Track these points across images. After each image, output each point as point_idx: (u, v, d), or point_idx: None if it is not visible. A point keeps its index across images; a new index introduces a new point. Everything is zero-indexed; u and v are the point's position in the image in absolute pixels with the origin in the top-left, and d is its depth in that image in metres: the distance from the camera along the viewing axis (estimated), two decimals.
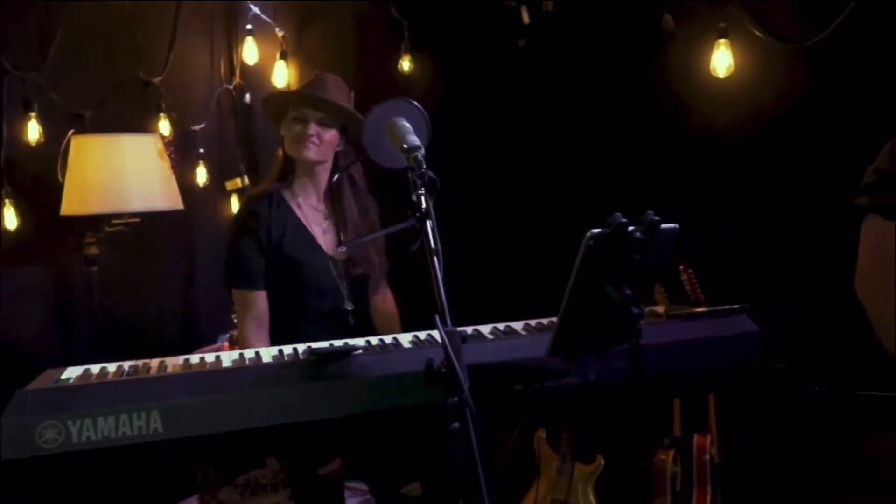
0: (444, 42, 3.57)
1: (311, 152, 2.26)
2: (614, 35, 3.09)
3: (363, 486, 2.31)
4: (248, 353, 1.74)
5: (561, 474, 2.97)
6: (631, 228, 1.42)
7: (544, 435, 3.05)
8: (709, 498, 2.76)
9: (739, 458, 2.83)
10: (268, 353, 1.74)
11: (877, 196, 1.77)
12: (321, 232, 2.33)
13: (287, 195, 2.32)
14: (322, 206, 2.37)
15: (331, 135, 2.29)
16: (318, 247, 2.29)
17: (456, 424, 1.43)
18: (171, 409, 1.44)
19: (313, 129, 2.25)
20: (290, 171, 2.33)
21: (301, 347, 1.75)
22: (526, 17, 3.28)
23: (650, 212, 1.44)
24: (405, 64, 3.64)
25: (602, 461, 2.93)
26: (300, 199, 2.33)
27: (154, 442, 1.45)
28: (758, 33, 2.76)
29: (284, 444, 1.65)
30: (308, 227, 2.30)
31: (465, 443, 1.43)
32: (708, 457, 2.76)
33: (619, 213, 1.42)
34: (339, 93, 2.33)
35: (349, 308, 2.27)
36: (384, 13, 3.62)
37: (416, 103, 2.02)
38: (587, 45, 3.17)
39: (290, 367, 1.64)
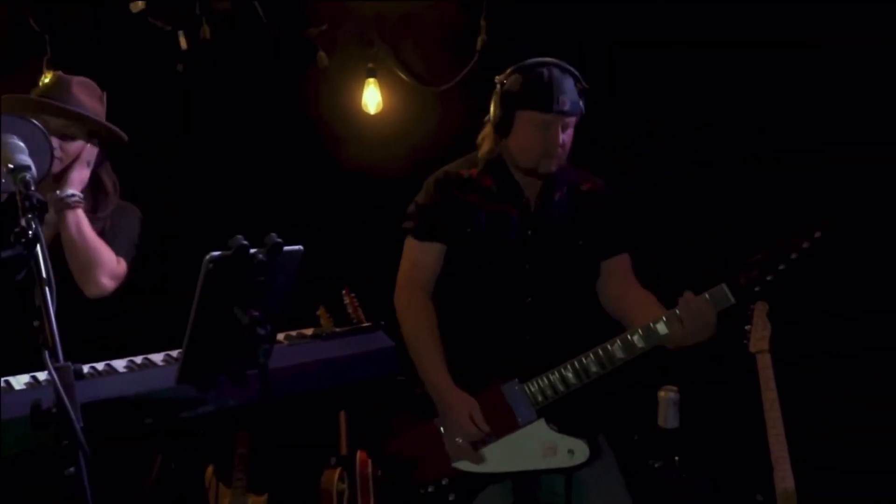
0: (95, 62, 3.32)
1: (54, 166, 1.94)
2: (270, 66, 3.15)
3: None
4: None
5: None
6: (253, 251, 1.44)
7: (213, 470, 2.95)
8: None
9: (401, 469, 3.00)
10: None
11: (413, 221, 2.07)
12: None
13: None
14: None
15: (75, 146, 2.01)
16: None
17: (71, 469, 1.33)
18: None
19: (55, 142, 1.96)
20: None
21: None
22: (183, 43, 3.20)
23: (273, 234, 1.47)
24: (48, 81, 3.31)
25: (274, 490, 2.92)
26: None
27: None
28: (401, 75, 3.02)
29: None
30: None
31: (80, 488, 1.32)
32: (370, 470, 2.90)
33: (240, 236, 1.42)
34: (89, 97, 2.07)
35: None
36: (19, 22, 3.27)
37: (35, 122, 1.84)
38: (244, 75, 3.19)
39: None
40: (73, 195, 2.02)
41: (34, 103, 2.08)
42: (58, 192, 2.00)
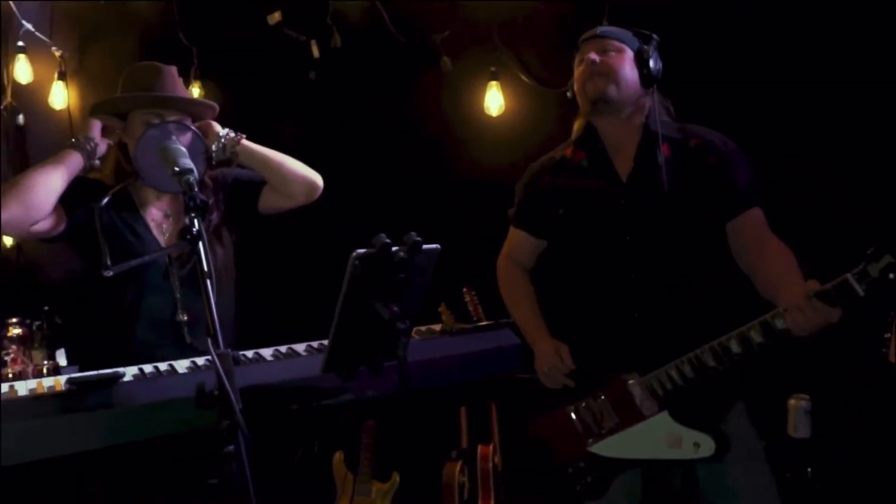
0: (235, 71, 3.56)
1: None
2: (397, 71, 3.26)
3: None
4: (2, 388, 1.62)
5: (359, 494, 3.04)
6: (395, 249, 1.52)
7: (342, 456, 3.10)
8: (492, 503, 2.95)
9: (522, 463, 3.04)
10: (24, 386, 1.64)
11: (514, 207, 2.20)
12: (160, 233, 2.13)
13: (132, 191, 2.13)
14: (166, 207, 2.17)
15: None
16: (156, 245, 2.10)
17: (230, 447, 1.45)
18: None
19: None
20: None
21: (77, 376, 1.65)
22: (316, 52, 3.37)
23: (412, 233, 1.54)
24: (195, 91, 3.58)
25: (398, 478, 3.04)
26: (144, 196, 2.15)
27: None
28: (523, 77, 3.05)
29: (38, 483, 1.54)
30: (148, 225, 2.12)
31: (239, 465, 1.44)
32: (491, 465, 2.96)
33: (382, 234, 1.51)
34: (180, 85, 2.17)
35: (183, 318, 2.05)
36: (172, 38, 3.55)
37: (193, 127, 2.01)
38: (373, 80, 3.32)
39: (43, 400, 1.54)
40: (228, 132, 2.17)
41: (154, 98, 2.09)
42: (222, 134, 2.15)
